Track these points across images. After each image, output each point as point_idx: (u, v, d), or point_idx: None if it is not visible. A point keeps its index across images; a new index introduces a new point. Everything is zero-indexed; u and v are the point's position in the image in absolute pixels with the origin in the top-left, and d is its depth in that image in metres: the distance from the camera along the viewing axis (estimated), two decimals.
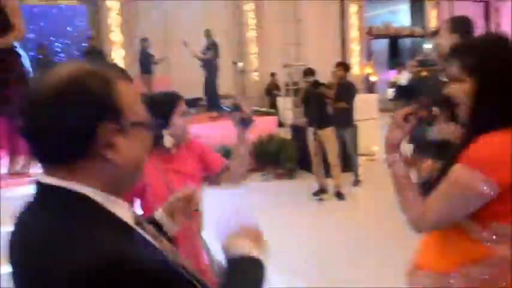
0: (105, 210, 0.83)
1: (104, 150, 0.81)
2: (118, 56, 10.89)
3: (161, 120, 2.05)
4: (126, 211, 0.89)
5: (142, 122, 0.89)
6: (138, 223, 0.93)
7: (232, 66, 10.09)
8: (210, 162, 2.25)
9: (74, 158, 0.82)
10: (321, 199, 5.82)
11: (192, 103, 10.29)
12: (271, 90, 12.47)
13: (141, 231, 0.91)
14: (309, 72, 5.94)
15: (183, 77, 10.46)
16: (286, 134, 8.09)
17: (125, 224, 0.86)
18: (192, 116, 8.81)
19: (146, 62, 9.76)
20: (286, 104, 9.33)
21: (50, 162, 0.84)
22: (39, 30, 9.63)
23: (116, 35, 10.86)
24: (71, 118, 0.79)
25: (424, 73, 4.29)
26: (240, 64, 10.90)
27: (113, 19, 10.86)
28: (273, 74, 12.49)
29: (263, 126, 7.66)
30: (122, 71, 0.93)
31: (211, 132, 7.12)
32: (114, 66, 0.88)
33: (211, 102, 9.36)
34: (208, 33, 9.23)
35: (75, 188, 0.81)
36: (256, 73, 12.41)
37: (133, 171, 0.89)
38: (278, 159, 7.08)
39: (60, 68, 0.85)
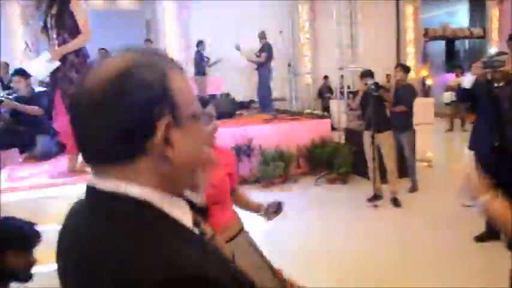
0: (166, 216, 0.76)
1: (162, 147, 0.74)
2: (174, 58, 11.10)
3: None
4: (186, 211, 0.83)
5: (198, 115, 0.81)
6: (195, 223, 0.87)
7: (285, 68, 10.06)
8: (232, 178, 2.26)
9: (129, 158, 0.74)
10: (375, 205, 5.68)
11: (245, 105, 10.38)
12: (324, 93, 12.37)
13: (198, 232, 0.86)
14: (367, 74, 5.81)
15: (236, 79, 10.57)
16: (339, 137, 7.98)
17: (187, 230, 0.79)
18: (244, 117, 8.96)
19: (201, 64, 9.91)
20: (339, 107, 9.21)
21: (101, 163, 0.76)
22: (99, 34, 9.96)
23: (171, 38, 11.12)
24: (126, 114, 0.72)
25: (492, 75, 4.09)
26: (293, 67, 10.86)
27: (169, 22, 11.13)
28: (326, 77, 12.38)
29: (316, 130, 7.59)
30: (173, 61, 0.84)
31: (265, 134, 7.15)
32: (166, 55, 0.83)
33: (264, 104, 9.38)
34: (262, 36, 9.26)
35: (133, 193, 0.74)
36: (309, 75, 12.34)
37: (191, 169, 0.81)
38: (331, 163, 6.98)
39: (110, 60, 0.78)
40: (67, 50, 3.81)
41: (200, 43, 9.93)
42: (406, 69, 6.26)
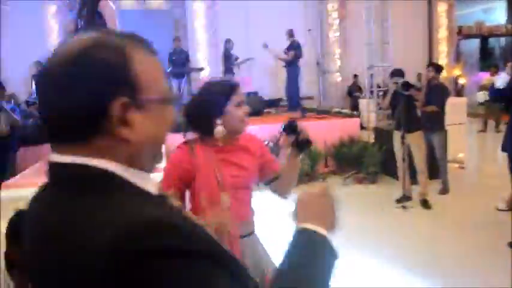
0: (127, 181, 0.77)
1: (117, 127, 0.75)
2: (202, 56, 11.20)
3: (215, 108, 1.97)
4: (150, 182, 0.82)
5: (163, 98, 0.81)
6: (161, 196, 0.86)
7: (314, 66, 9.98)
8: (266, 164, 2.16)
9: (85, 136, 0.75)
10: (404, 206, 5.57)
11: (273, 103, 10.35)
12: (353, 92, 12.23)
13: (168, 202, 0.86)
14: (397, 73, 5.70)
15: (265, 77, 10.56)
16: (368, 137, 7.86)
17: (149, 194, 0.80)
18: (271, 116, 8.93)
19: (229, 63, 9.93)
20: (369, 106, 9.08)
21: (61, 141, 0.77)
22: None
23: (200, 36, 11.18)
24: (80, 93, 0.73)
25: None
26: (322, 65, 10.76)
27: (198, 20, 11.19)
28: (355, 76, 12.23)
29: (344, 129, 7.51)
30: (144, 42, 0.84)
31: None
32: (135, 36, 0.83)
33: (292, 102, 9.32)
34: (290, 33, 9.20)
35: (92, 163, 0.75)
36: (338, 74, 12.22)
37: (151, 149, 0.82)
38: (360, 162, 6.88)
39: (72, 40, 0.78)
40: None
41: (228, 42, 9.94)
42: (438, 68, 6.12)
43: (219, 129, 1.95)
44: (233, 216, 1.94)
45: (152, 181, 0.84)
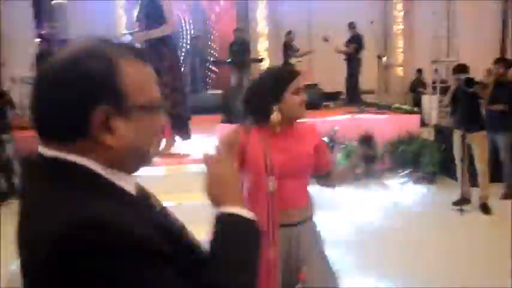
0: (102, 179, 0.81)
1: (100, 133, 0.79)
2: (263, 47, 11.22)
3: (272, 94, 2.00)
4: (129, 183, 0.87)
5: (148, 106, 0.84)
6: (144, 196, 0.93)
7: (376, 60, 9.71)
8: (320, 160, 2.15)
9: (71, 138, 0.80)
10: (462, 210, 5.31)
11: (332, 97, 10.20)
12: (416, 87, 11.78)
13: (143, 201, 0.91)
14: (460, 68, 5.41)
15: (325, 70, 10.40)
16: (429, 134, 7.55)
17: (122, 191, 0.84)
18: (330, 109, 8.81)
19: (289, 54, 9.88)
20: (431, 103, 8.72)
21: (49, 138, 0.82)
22: (192, 24, 10.35)
23: (261, 27, 11.20)
24: (66, 99, 0.78)
25: None
26: (385, 58, 10.44)
27: (260, 11, 11.21)
28: (419, 70, 11.78)
29: (404, 125, 7.25)
30: (135, 52, 0.87)
31: (350, 127, 6.93)
32: (127, 46, 0.89)
33: (351, 96, 9.15)
34: (351, 26, 9.00)
35: (73, 159, 0.80)
36: (401, 68, 11.82)
37: (135, 155, 0.86)
38: (418, 161, 6.64)
39: (70, 46, 0.85)
40: (148, 36, 4.02)
41: (289, 33, 9.88)
42: (508, 65, 5.75)
43: (276, 116, 1.99)
44: (278, 203, 1.98)
45: (132, 182, 0.89)
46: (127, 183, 0.86)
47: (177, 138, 4.65)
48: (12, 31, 9.37)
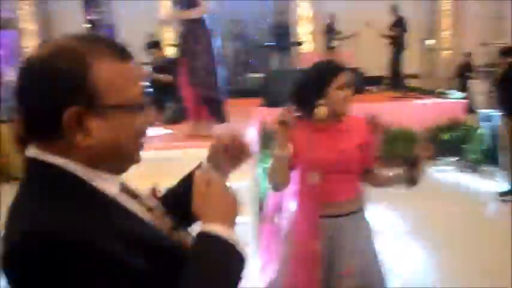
0: (74, 179, 0.81)
1: (73, 133, 0.79)
2: (305, 30, 11.08)
3: (317, 89, 2.01)
4: (110, 182, 0.86)
5: (124, 105, 0.82)
6: (133, 195, 0.93)
7: (420, 43, 9.40)
8: (365, 158, 2.12)
9: (48, 138, 0.80)
10: (506, 200, 5.11)
11: (375, 81, 9.98)
12: (464, 72, 11.34)
13: (122, 201, 0.87)
14: (507, 51, 5.17)
15: (367, 53, 10.17)
16: (475, 121, 7.28)
17: (94, 193, 0.82)
18: (373, 94, 8.62)
19: (331, 37, 9.72)
20: (479, 88, 8.39)
21: (32, 140, 0.83)
22: (230, 6, 10.31)
23: (302, 10, 11.04)
24: (37, 98, 0.78)
25: None
26: (430, 42, 10.09)
27: None
28: (468, 54, 11.32)
29: (448, 111, 7.02)
30: (114, 47, 0.84)
31: (392, 112, 6.77)
32: (104, 42, 0.85)
33: (394, 81, 8.93)
34: (395, 8, 8.73)
35: (49, 160, 0.81)
36: (448, 52, 11.39)
37: (115, 155, 0.85)
38: (462, 149, 6.42)
39: (42, 46, 0.83)
40: (179, 17, 4.09)
41: (331, 16, 9.71)
42: None
43: (322, 110, 2.00)
44: (322, 196, 2.02)
45: (115, 182, 0.88)
46: (108, 183, 0.85)
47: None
48: (62, 18, 9.68)
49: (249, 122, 5.13)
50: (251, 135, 4.52)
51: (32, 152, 0.82)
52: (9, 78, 6.38)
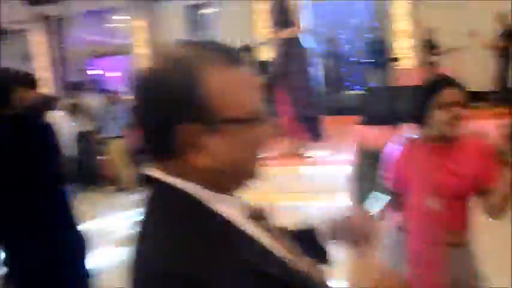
0: (200, 206, 0.74)
1: (188, 152, 0.72)
2: (401, 45, 10.78)
3: (419, 109, 1.91)
4: (233, 205, 0.79)
5: (243, 118, 0.73)
6: (255, 217, 0.83)
7: None
8: (482, 176, 1.90)
9: (162, 155, 0.75)
10: None
11: (481, 97, 9.38)
12: None
13: (249, 228, 0.79)
14: None
15: (471, 67, 9.62)
16: None
17: (214, 219, 0.74)
18: (479, 110, 8.10)
19: (430, 53, 9.36)
20: None
21: (148, 154, 0.78)
22: (328, 25, 10.34)
23: (401, 25, 10.74)
24: (150, 116, 0.74)
25: None
26: None
27: (399, 8, 10.76)
28: None
29: None
30: (227, 53, 0.75)
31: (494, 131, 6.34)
32: (214, 47, 0.75)
33: (500, 96, 8.35)
34: (502, 18, 8.19)
35: (172, 182, 0.75)
36: None
37: (234, 174, 0.77)
38: None
39: (156, 60, 0.78)
40: (279, 36, 4.19)
41: (429, 30, 9.36)
42: None
43: (427, 131, 1.92)
44: (441, 223, 1.89)
45: (235, 203, 0.81)
46: (228, 206, 0.78)
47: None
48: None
49: (348, 140, 5.04)
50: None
51: (153, 171, 0.77)
52: (125, 98, 6.93)
